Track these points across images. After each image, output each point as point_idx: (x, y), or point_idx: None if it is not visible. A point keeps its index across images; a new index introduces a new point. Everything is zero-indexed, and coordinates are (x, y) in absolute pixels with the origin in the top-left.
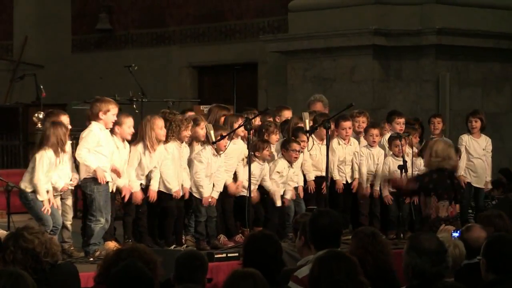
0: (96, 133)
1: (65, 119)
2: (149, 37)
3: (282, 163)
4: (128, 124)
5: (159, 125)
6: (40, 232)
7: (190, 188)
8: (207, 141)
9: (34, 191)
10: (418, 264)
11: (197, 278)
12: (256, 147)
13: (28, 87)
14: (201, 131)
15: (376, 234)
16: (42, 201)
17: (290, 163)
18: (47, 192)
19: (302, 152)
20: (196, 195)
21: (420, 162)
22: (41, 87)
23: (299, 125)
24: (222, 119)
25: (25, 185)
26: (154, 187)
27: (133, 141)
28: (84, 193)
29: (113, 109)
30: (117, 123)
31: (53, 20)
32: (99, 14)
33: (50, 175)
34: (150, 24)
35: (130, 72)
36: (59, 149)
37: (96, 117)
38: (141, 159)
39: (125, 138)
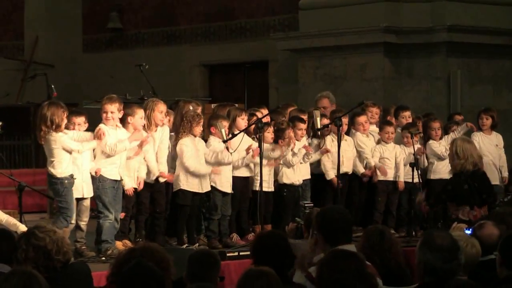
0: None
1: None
2: (159, 36)
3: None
4: (140, 115)
5: (159, 108)
6: (52, 231)
7: (214, 183)
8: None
9: (63, 177)
10: (430, 260)
11: (210, 276)
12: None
13: (39, 87)
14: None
15: (384, 232)
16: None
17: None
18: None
19: (298, 140)
20: (221, 188)
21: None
22: (52, 86)
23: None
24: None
25: (53, 171)
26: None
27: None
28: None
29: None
30: (129, 114)
31: (64, 20)
32: (110, 13)
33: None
34: (161, 23)
35: (141, 71)
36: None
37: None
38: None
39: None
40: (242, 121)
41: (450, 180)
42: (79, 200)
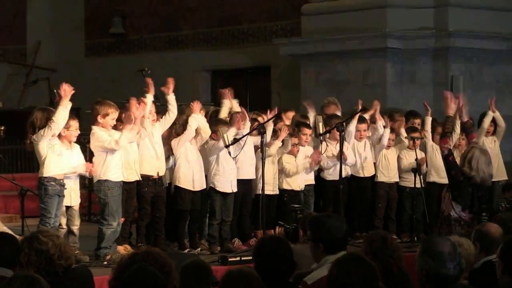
0: (101, 131)
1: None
2: (162, 41)
3: (286, 157)
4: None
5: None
6: (55, 236)
7: (213, 185)
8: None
9: (50, 178)
10: (432, 267)
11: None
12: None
13: (41, 91)
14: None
15: (386, 238)
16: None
17: (294, 156)
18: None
19: (303, 146)
20: (220, 189)
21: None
22: (55, 91)
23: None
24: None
25: (41, 171)
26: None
27: None
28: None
29: (113, 114)
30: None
31: (66, 25)
32: (112, 18)
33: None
34: (163, 28)
35: (143, 76)
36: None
37: (95, 120)
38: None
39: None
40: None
41: (462, 174)
42: (68, 206)
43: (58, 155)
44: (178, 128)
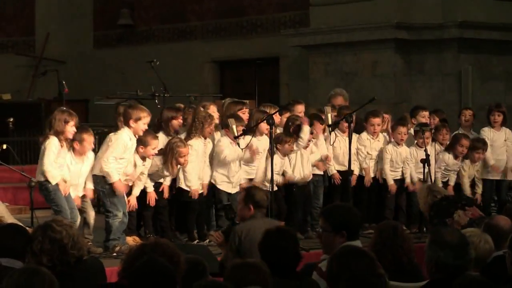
0: (125, 141)
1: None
2: (170, 32)
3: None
4: (153, 146)
5: (181, 154)
6: (69, 226)
7: (214, 181)
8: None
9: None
10: (441, 257)
11: None
12: (279, 139)
13: (50, 83)
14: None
15: (397, 228)
16: (56, 185)
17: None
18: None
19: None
20: (220, 187)
21: (448, 157)
22: (63, 82)
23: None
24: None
25: (39, 176)
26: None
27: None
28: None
29: (145, 118)
30: (143, 143)
31: (75, 16)
32: (121, 9)
33: (60, 162)
34: (172, 19)
35: (152, 68)
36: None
37: (127, 124)
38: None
39: (147, 157)
40: (264, 125)
41: (432, 209)
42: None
43: (60, 166)
44: (198, 125)
